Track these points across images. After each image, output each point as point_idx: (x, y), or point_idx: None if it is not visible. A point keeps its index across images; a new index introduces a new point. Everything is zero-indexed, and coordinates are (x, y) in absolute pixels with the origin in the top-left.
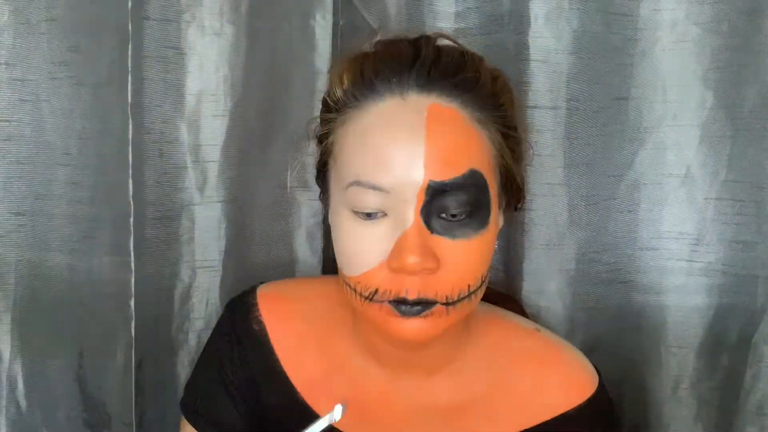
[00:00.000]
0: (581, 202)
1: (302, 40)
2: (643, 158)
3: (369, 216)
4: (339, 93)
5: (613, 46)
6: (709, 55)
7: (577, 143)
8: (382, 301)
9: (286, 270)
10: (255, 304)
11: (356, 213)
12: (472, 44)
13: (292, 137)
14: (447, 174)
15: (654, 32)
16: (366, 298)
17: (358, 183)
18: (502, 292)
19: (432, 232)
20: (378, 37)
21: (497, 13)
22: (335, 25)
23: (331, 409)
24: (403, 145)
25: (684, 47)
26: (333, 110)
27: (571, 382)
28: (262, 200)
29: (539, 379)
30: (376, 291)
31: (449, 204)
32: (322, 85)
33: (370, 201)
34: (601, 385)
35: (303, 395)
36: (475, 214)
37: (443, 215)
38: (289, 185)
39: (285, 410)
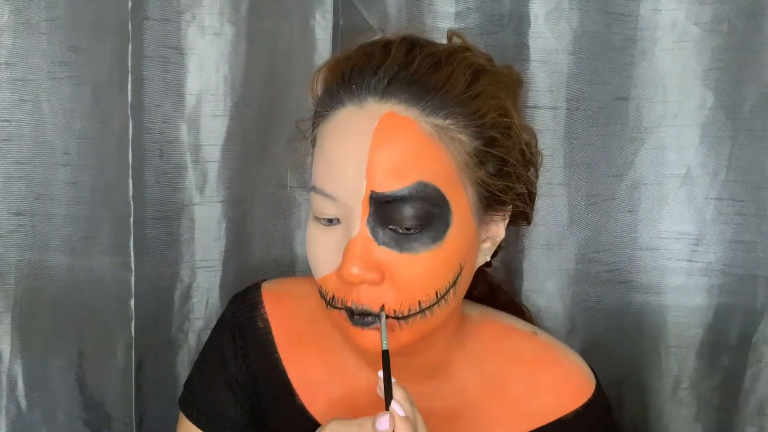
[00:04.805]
0: (581, 202)
1: (302, 40)
2: (643, 158)
3: (330, 222)
4: (313, 100)
5: (613, 46)
6: (709, 55)
7: (577, 143)
8: (339, 308)
9: (286, 270)
10: (260, 302)
11: (317, 218)
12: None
13: (291, 137)
14: (391, 185)
15: (654, 32)
16: (328, 302)
17: (314, 189)
18: (513, 301)
19: (379, 243)
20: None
21: (497, 13)
22: (335, 25)
23: (326, 412)
24: (351, 154)
25: (684, 47)
26: (314, 115)
27: (567, 385)
28: (262, 200)
29: (534, 383)
30: (333, 297)
31: (395, 216)
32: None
33: (326, 208)
34: (599, 389)
35: (301, 397)
36: (427, 228)
37: (393, 227)
38: (288, 185)
39: (282, 412)
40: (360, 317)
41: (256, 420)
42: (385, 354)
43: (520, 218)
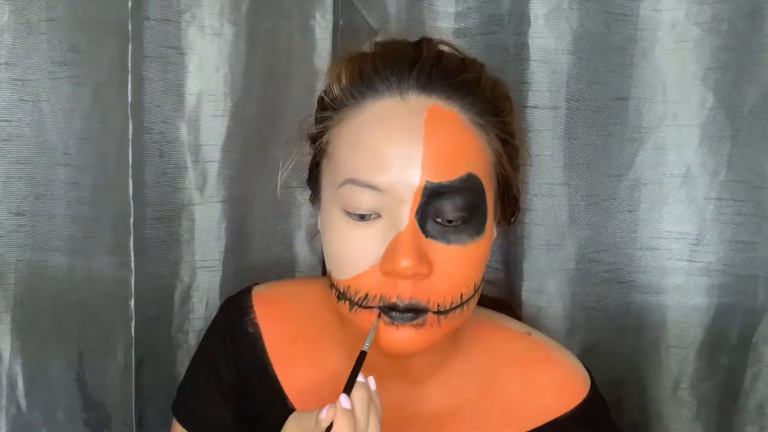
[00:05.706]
0: (581, 202)
1: (302, 40)
2: (643, 158)
3: (362, 218)
4: (337, 91)
5: (613, 46)
6: (709, 55)
7: (577, 143)
8: (372, 307)
9: (286, 270)
10: (251, 306)
11: (349, 214)
12: (472, 44)
13: (291, 137)
14: (444, 176)
15: (654, 32)
16: (356, 303)
17: (352, 181)
18: (498, 297)
19: (426, 236)
20: (378, 38)
21: (497, 13)
22: (335, 25)
23: None
24: (401, 145)
25: (684, 47)
26: (329, 109)
27: (561, 385)
28: (262, 200)
29: (529, 383)
30: (366, 296)
31: (445, 207)
32: (322, 85)
33: (364, 200)
34: (594, 388)
35: (293, 402)
36: (472, 219)
37: (438, 219)
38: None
39: (273, 417)
40: (401, 314)
41: (248, 425)
42: (362, 355)
43: (502, 219)
